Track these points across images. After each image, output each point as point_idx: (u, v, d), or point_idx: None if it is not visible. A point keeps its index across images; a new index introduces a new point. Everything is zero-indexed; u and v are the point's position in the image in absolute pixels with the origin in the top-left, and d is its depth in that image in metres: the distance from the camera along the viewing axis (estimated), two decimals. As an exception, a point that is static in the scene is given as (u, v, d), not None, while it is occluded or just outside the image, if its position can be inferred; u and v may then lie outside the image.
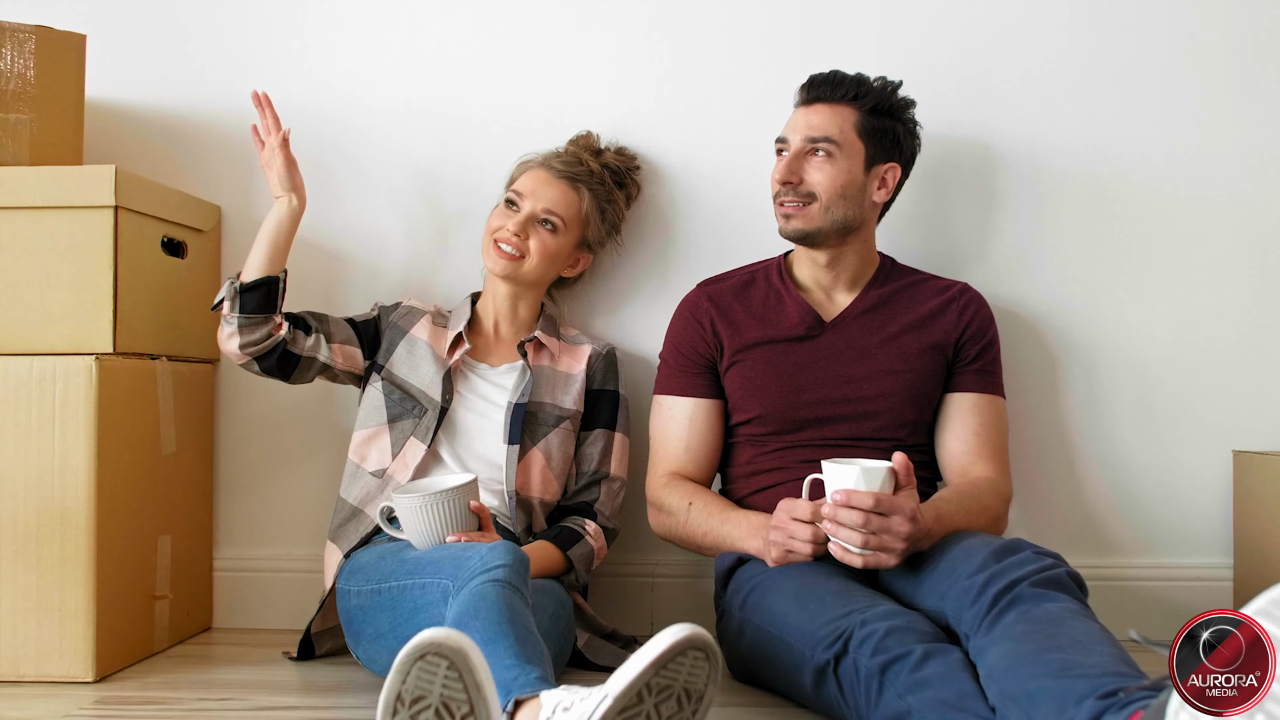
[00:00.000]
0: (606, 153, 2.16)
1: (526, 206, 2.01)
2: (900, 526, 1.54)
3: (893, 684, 1.34)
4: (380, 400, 1.99)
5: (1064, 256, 2.20)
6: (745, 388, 1.93)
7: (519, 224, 1.99)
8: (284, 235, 1.98)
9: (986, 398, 1.94)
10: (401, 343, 2.03)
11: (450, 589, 1.49)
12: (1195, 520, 2.19)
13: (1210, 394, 2.18)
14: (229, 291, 1.91)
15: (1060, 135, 2.20)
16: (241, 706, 1.68)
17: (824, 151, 1.88)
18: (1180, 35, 2.19)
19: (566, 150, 2.13)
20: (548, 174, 2.05)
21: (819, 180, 1.87)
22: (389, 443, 1.96)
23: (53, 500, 1.80)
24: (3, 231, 1.86)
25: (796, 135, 1.90)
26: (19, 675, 1.79)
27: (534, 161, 2.08)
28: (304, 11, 2.27)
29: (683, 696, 1.10)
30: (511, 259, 1.99)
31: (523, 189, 2.03)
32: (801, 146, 1.89)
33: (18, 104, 1.93)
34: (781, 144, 1.93)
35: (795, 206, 1.88)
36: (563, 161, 2.07)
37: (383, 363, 2.02)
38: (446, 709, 0.99)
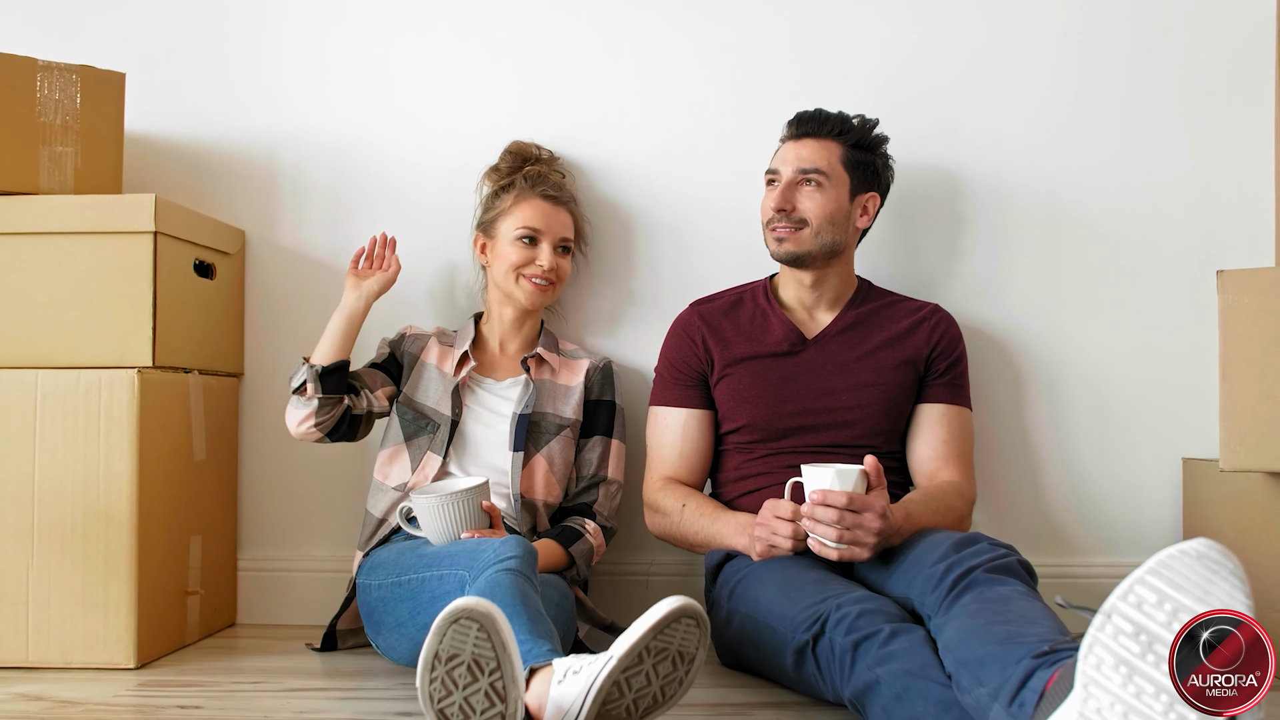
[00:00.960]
0: (556, 163, 2.34)
1: (546, 240, 2.18)
2: (872, 522, 1.71)
3: (863, 658, 1.50)
4: (398, 421, 2.16)
5: (1026, 279, 2.37)
6: (734, 399, 2.10)
7: (550, 259, 2.17)
8: (358, 322, 2.13)
9: (954, 409, 2.11)
10: (414, 368, 2.20)
11: (467, 578, 1.65)
12: (1148, 522, 2.35)
13: (1161, 405, 2.34)
14: (310, 375, 2.03)
15: (1022, 166, 2.37)
16: (272, 689, 1.84)
17: (814, 182, 2.06)
18: (1134, 74, 2.36)
19: (535, 172, 2.26)
20: (550, 204, 2.21)
21: (810, 207, 2.05)
22: (408, 459, 2.13)
23: (98, 502, 1.96)
24: (51, 255, 2.02)
25: (788, 167, 2.08)
26: (67, 662, 1.95)
27: (527, 190, 2.22)
28: (321, 50, 2.44)
29: (677, 658, 1.27)
30: (543, 290, 2.17)
31: (538, 225, 2.18)
32: (793, 177, 2.07)
33: (64, 138, 2.10)
34: (773, 175, 2.10)
35: (788, 231, 2.05)
36: (554, 187, 2.24)
37: (401, 388, 2.19)
38: (477, 665, 1.16)
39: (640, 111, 2.41)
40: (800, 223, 2.05)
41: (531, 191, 2.21)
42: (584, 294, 2.41)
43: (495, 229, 2.22)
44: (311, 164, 2.43)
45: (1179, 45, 2.35)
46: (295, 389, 2.05)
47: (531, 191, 2.21)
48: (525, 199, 2.21)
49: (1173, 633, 0.99)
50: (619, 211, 2.41)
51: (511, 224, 2.19)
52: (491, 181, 2.30)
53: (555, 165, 2.33)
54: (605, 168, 2.40)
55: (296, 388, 2.05)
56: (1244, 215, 2.31)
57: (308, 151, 2.43)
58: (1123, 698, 1.00)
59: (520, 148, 2.32)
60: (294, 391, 2.06)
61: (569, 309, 2.41)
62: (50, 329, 2.02)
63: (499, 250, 2.20)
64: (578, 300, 2.41)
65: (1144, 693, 1.00)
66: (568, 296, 2.40)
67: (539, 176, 2.25)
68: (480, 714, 1.16)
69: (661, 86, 2.40)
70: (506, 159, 2.31)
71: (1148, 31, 2.35)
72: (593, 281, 2.40)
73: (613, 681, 1.24)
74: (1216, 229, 2.33)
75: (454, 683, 1.16)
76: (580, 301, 2.41)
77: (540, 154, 2.33)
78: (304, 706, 1.74)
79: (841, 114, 2.11)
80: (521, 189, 2.22)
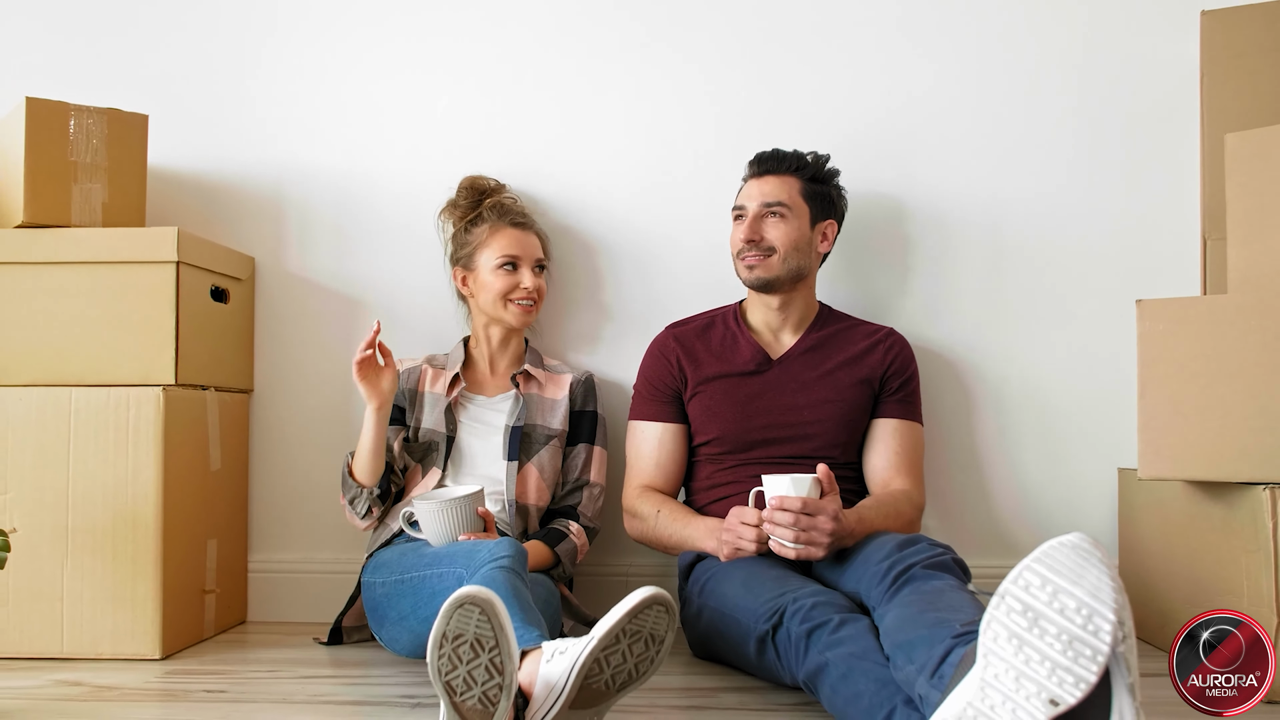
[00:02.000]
0: (506, 190, 2.53)
1: (525, 264, 2.38)
2: (824, 524, 1.92)
3: (815, 644, 1.70)
4: (406, 453, 2.36)
5: (972, 304, 2.57)
6: (705, 414, 2.31)
7: (532, 280, 2.36)
8: (384, 431, 2.24)
9: (906, 424, 2.32)
10: (415, 401, 2.39)
11: (464, 575, 1.85)
12: (1087, 526, 2.54)
13: (1099, 419, 2.55)
14: (369, 499, 2.24)
15: (967, 199, 2.57)
16: (286, 676, 2.03)
17: (778, 214, 2.27)
18: (1073, 114, 2.57)
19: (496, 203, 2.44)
20: (520, 230, 2.41)
21: (776, 236, 2.26)
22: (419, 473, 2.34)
23: (126, 507, 2.15)
24: (83, 283, 2.22)
25: (753, 202, 2.28)
26: (98, 653, 2.14)
27: (496, 221, 2.40)
28: (322, 90, 2.64)
29: (649, 639, 1.47)
30: (529, 310, 2.37)
31: (516, 251, 2.37)
32: (759, 210, 2.27)
33: (93, 174, 2.29)
34: (740, 210, 2.31)
35: (758, 259, 2.26)
36: (519, 214, 2.44)
37: (408, 424, 2.38)
38: (479, 643, 1.35)
39: (624, 149, 2.61)
40: (769, 250, 2.26)
41: (501, 222, 2.40)
42: (562, 314, 2.61)
43: (474, 262, 2.41)
44: (316, 196, 2.63)
45: (1115, 87, 2.55)
46: (362, 515, 2.27)
47: (501, 222, 2.40)
48: (498, 230, 2.40)
49: (1053, 610, 1.19)
50: (595, 241, 2.61)
51: (490, 255, 2.38)
52: (453, 217, 2.48)
53: (507, 193, 2.52)
54: (587, 202, 2.60)
55: (362, 514, 2.27)
56: (1173, 245, 2.51)
57: (312, 185, 2.63)
58: (1014, 664, 1.21)
59: (473, 181, 2.51)
60: (363, 518, 2.27)
61: (550, 328, 2.61)
62: (82, 350, 2.21)
63: (482, 280, 2.39)
64: (557, 320, 2.61)
65: (1031, 660, 1.20)
66: (550, 317, 2.60)
67: (503, 207, 2.44)
68: (481, 685, 1.35)
69: (644, 125, 2.61)
70: (464, 194, 2.49)
71: (1086, 75, 2.56)
72: (573, 304, 2.61)
73: (594, 659, 1.44)
74: (1148, 257, 2.53)
75: (459, 658, 1.35)
76: (559, 322, 2.61)
77: (491, 185, 2.52)
78: (317, 691, 1.93)
79: (796, 152, 2.32)
80: (491, 221, 2.41)
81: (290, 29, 2.65)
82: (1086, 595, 1.18)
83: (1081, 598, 1.18)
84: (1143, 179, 2.55)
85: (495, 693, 1.36)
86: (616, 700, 1.49)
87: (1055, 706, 1.18)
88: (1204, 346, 1.96)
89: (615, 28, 2.62)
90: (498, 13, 2.63)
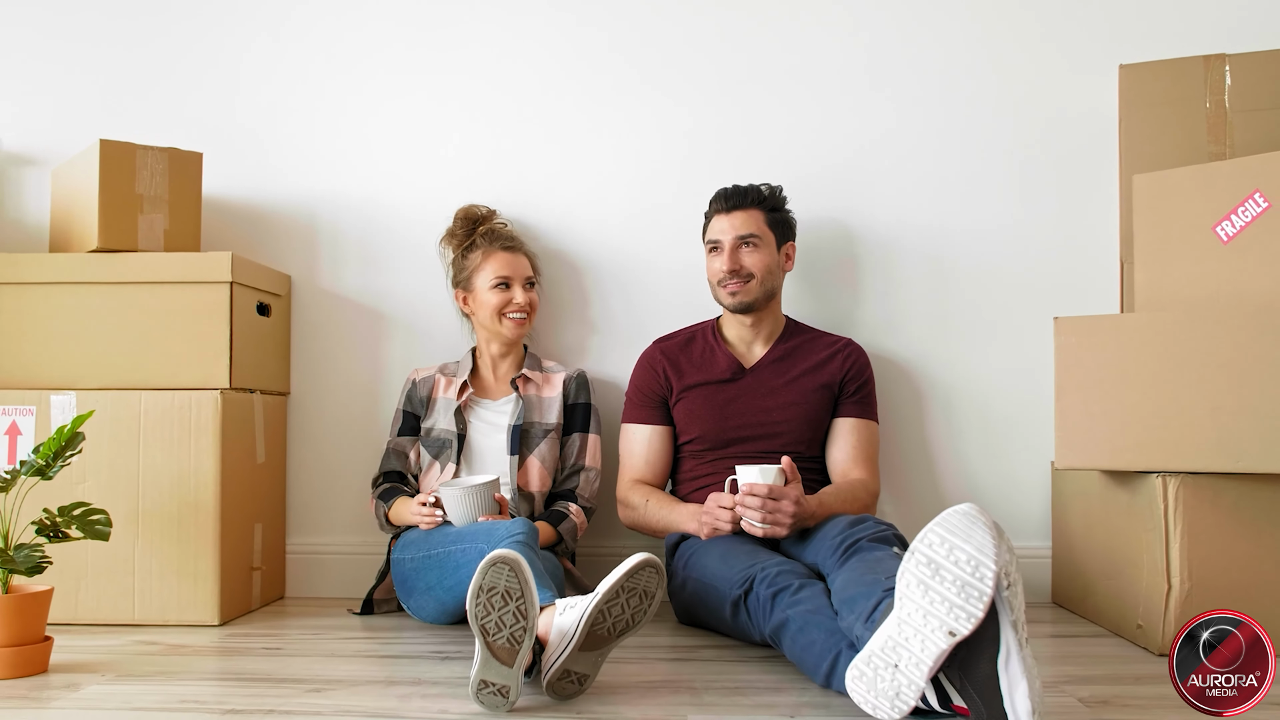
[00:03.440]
0: (497, 217, 2.87)
1: (516, 282, 2.71)
2: (787, 507, 2.27)
3: (779, 604, 2.04)
4: (425, 450, 2.71)
5: (923, 318, 2.92)
6: (688, 417, 2.66)
7: (523, 296, 2.71)
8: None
9: (863, 422, 2.68)
10: (429, 405, 2.74)
11: (485, 550, 2.19)
12: (1024, 512, 2.90)
13: (1034, 420, 2.89)
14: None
15: (912, 219, 2.92)
16: (330, 638, 2.37)
17: (751, 244, 2.62)
18: (1007, 148, 2.92)
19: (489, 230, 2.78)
20: (510, 253, 2.74)
21: (752, 263, 2.61)
22: (437, 473, 2.68)
23: (189, 494, 2.49)
24: (150, 300, 2.55)
25: (728, 235, 2.62)
26: (164, 620, 2.48)
27: (489, 246, 2.73)
28: (349, 129, 2.99)
29: (643, 594, 1.81)
30: (521, 323, 2.71)
31: (508, 272, 2.70)
32: (734, 243, 2.62)
33: (155, 206, 2.63)
34: (715, 244, 2.65)
35: (739, 285, 2.61)
36: (509, 238, 2.77)
37: (421, 428, 2.73)
38: (507, 594, 1.70)
39: (613, 180, 2.96)
40: (748, 277, 2.61)
41: (493, 247, 2.74)
42: (555, 327, 2.96)
43: (472, 284, 2.74)
44: (344, 222, 2.98)
45: (1047, 131, 2.91)
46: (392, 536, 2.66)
47: (493, 247, 2.74)
48: (491, 254, 2.73)
49: (950, 562, 1.54)
50: (585, 263, 2.96)
51: (485, 277, 2.72)
52: (451, 245, 2.82)
53: (498, 219, 2.86)
54: (579, 229, 2.95)
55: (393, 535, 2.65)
56: (1096, 269, 2.86)
57: (341, 212, 2.98)
58: (922, 605, 1.55)
59: (467, 211, 2.84)
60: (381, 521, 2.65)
61: (544, 340, 2.96)
62: (150, 358, 2.55)
63: (480, 299, 2.73)
64: (550, 332, 2.96)
65: (935, 601, 1.55)
66: (544, 329, 2.95)
67: (494, 233, 2.77)
68: (509, 628, 1.70)
69: (632, 159, 2.96)
70: (460, 223, 2.82)
71: (1022, 120, 2.91)
72: (564, 318, 2.96)
73: (599, 610, 1.79)
74: (1075, 279, 2.88)
75: (492, 606, 1.70)
76: (552, 333, 2.96)
77: (483, 212, 2.85)
78: (358, 648, 2.28)
79: (754, 186, 2.66)
80: (485, 247, 2.74)
81: (321, 77, 3.00)
82: (975, 550, 1.53)
83: (970, 552, 1.54)
84: (1070, 212, 2.90)
85: (520, 634, 1.71)
86: (616, 645, 1.84)
87: (953, 636, 1.53)
88: (1110, 357, 2.32)
89: (609, 70, 2.97)
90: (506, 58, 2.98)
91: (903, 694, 1.58)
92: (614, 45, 2.97)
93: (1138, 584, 2.32)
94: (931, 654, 1.55)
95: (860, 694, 1.63)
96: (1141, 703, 1.82)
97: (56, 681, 1.98)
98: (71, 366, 2.55)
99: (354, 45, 3.00)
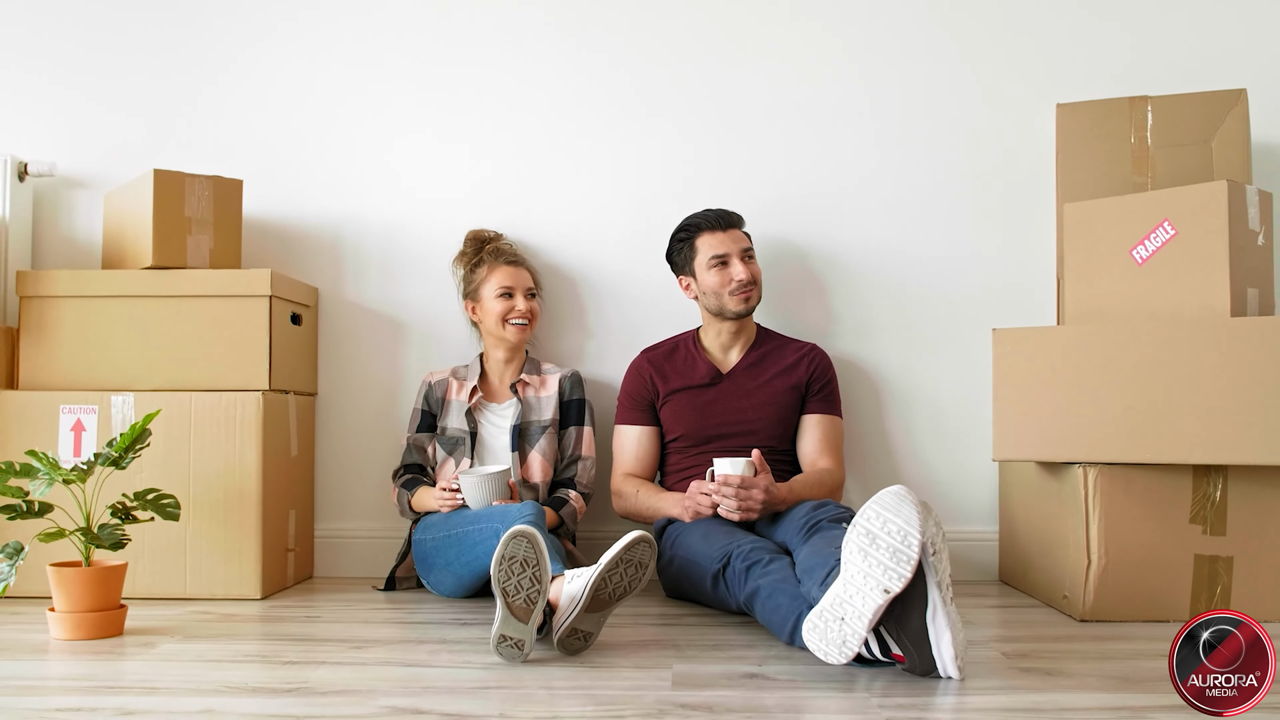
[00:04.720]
0: (503, 238, 3.20)
1: (519, 291, 3.03)
2: (757, 495, 2.62)
3: (752, 575, 2.38)
4: (440, 447, 3.04)
5: (886, 329, 3.26)
6: (673, 418, 3.01)
7: (525, 304, 3.04)
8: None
9: (828, 417, 3.02)
10: (443, 406, 3.07)
11: (500, 529, 2.53)
12: (973, 500, 3.24)
13: (981, 418, 3.19)
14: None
15: (876, 243, 3.26)
16: (361, 609, 2.71)
17: (751, 255, 2.97)
18: (961, 164, 3.25)
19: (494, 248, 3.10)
20: (513, 267, 3.06)
21: (756, 273, 2.96)
22: (452, 466, 3.01)
23: (234, 483, 2.82)
24: (199, 312, 2.88)
25: (733, 249, 2.94)
26: (212, 594, 2.81)
27: (494, 261, 3.05)
28: (372, 156, 3.32)
29: (638, 565, 2.15)
30: (524, 328, 3.05)
31: (510, 283, 3.02)
32: (741, 255, 2.95)
33: (202, 228, 2.96)
34: (722, 259, 2.95)
35: (751, 291, 2.95)
36: (512, 254, 3.10)
37: (437, 425, 3.07)
38: (525, 561, 2.04)
39: (611, 205, 3.29)
40: (755, 285, 2.96)
41: (498, 262, 3.07)
42: (555, 335, 3.30)
43: (480, 295, 3.07)
44: (367, 240, 3.31)
45: (997, 162, 3.25)
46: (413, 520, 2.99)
47: (498, 262, 3.07)
48: (496, 268, 3.06)
49: (884, 532, 1.87)
50: (583, 278, 3.29)
51: (491, 288, 3.04)
52: (462, 263, 3.15)
53: (503, 240, 3.19)
54: (580, 249, 3.29)
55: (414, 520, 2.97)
56: (1036, 286, 3.20)
57: (364, 231, 3.31)
58: (861, 568, 1.90)
59: (476, 234, 3.18)
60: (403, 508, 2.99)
61: (545, 346, 3.29)
62: (199, 363, 2.88)
63: (486, 308, 3.05)
64: (550, 339, 3.30)
65: (872, 565, 1.88)
66: (545, 337, 3.29)
67: (499, 251, 3.10)
68: (525, 590, 2.04)
69: (630, 187, 3.30)
70: (469, 244, 3.16)
71: (975, 153, 3.25)
72: (563, 327, 3.29)
73: (601, 578, 2.12)
74: (1018, 294, 3.22)
75: (511, 572, 2.04)
76: (551, 341, 3.30)
77: (490, 234, 3.19)
78: (387, 616, 2.62)
79: (732, 210, 3.01)
80: (490, 262, 3.07)
81: (349, 112, 3.32)
82: (904, 523, 1.88)
83: (900, 524, 1.88)
84: (1015, 236, 3.25)
85: (535, 595, 2.05)
86: (615, 608, 2.19)
87: (888, 594, 1.88)
88: (1039, 364, 2.67)
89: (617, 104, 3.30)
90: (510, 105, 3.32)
91: (848, 642, 1.93)
92: (611, 97, 3.31)
93: (1065, 560, 2.67)
94: (871, 608, 1.90)
95: (814, 643, 1.97)
96: (1055, 656, 2.18)
97: (133, 642, 2.31)
98: (129, 370, 2.88)
99: (377, 87, 3.33)
